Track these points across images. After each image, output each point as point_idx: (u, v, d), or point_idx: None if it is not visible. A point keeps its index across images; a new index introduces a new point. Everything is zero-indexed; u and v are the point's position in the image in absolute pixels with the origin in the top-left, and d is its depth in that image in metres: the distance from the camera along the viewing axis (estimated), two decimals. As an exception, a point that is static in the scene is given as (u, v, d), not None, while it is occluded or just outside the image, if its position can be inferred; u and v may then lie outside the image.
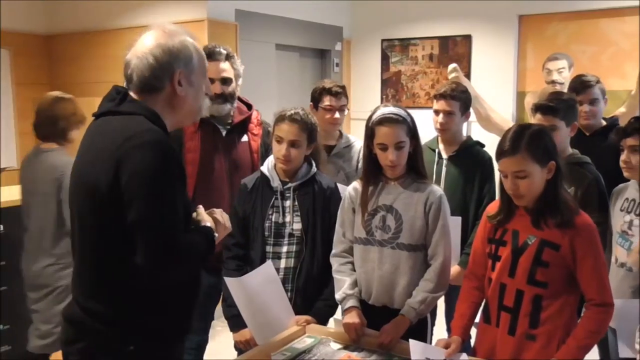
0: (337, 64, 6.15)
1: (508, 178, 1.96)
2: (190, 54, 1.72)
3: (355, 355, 2.07)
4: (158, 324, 1.69)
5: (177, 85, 1.69)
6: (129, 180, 1.55)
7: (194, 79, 1.74)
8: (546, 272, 1.94)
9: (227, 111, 2.80)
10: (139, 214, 1.54)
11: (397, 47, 6.16)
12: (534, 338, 1.96)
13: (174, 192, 1.60)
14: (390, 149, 2.16)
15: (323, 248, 2.38)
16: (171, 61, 1.67)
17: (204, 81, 1.79)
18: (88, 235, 1.66)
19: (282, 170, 2.42)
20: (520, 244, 1.99)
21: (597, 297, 1.91)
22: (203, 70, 1.78)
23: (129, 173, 1.55)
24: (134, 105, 1.67)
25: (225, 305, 2.46)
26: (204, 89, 1.80)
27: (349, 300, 2.22)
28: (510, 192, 1.98)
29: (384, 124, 2.17)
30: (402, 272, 2.19)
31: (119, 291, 1.63)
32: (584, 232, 1.93)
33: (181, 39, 1.71)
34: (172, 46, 1.68)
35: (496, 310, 2.03)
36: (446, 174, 2.92)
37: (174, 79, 1.69)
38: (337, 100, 3.09)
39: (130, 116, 1.65)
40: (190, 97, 1.74)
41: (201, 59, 1.77)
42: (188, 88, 1.72)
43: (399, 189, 2.23)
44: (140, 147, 1.56)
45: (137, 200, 1.54)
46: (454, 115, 2.91)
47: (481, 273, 2.12)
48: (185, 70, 1.70)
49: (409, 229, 2.19)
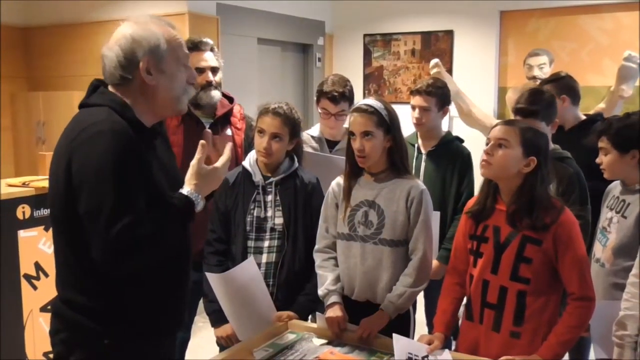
0: (320, 58, 6.14)
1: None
2: (155, 41, 1.65)
3: (338, 351, 2.07)
4: (133, 322, 1.66)
5: (145, 74, 1.65)
6: (77, 171, 1.54)
7: (165, 66, 1.67)
8: (529, 268, 1.95)
9: (217, 99, 2.82)
10: (85, 206, 1.52)
11: (379, 42, 6.17)
12: (518, 336, 1.97)
13: (126, 183, 1.54)
14: (357, 137, 2.18)
15: (305, 243, 2.38)
16: (135, 49, 1.63)
17: (180, 69, 1.71)
18: (56, 228, 1.68)
19: (263, 164, 2.41)
20: (502, 240, 2.00)
21: (578, 291, 1.93)
22: (177, 58, 1.70)
23: (78, 164, 1.54)
24: (101, 97, 1.66)
25: (206, 301, 2.45)
26: (186, 78, 1.73)
27: (332, 295, 2.21)
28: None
29: (354, 113, 2.21)
30: (385, 267, 2.20)
31: (89, 283, 1.63)
32: (565, 227, 1.94)
33: (148, 27, 1.66)
34: (137, 34, 1.64)
35: (479, 307, 2.04)
36: (425, 168, 2.93)
37: (140, 67, 1.64)
38: (334, 106, 2.82)
39: (96, 108, 1.63)
40: (162, 85, 1.68)
41: (175, 47, 1.69)
42: (159, 76, 1.66)
43: (381, 185, 2.23)
44: (91, 138, 1.55)
45: (84, 192, 1.53)
46: (430, 111, 2.92)
47: (463, 269, 2.13)
48: (152, 58, 1.64)
49: (391, 224, 2.19)
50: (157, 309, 1.71)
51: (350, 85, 2.89)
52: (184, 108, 1.76)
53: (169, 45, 1.67)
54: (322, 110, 2.87)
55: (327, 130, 2.92)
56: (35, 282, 3.14)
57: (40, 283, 3.14)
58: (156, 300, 1.70)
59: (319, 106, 2.89)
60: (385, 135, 2.19)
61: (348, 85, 2.86)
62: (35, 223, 3.14)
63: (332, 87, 2.81)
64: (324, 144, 2.91)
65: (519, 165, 1.98)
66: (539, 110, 2.53)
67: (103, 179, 1.52)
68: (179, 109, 1.76)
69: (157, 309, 1.71)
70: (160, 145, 1.79)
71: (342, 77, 2.90)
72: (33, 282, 3.13)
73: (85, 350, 1.65)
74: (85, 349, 1.65)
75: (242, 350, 2.05)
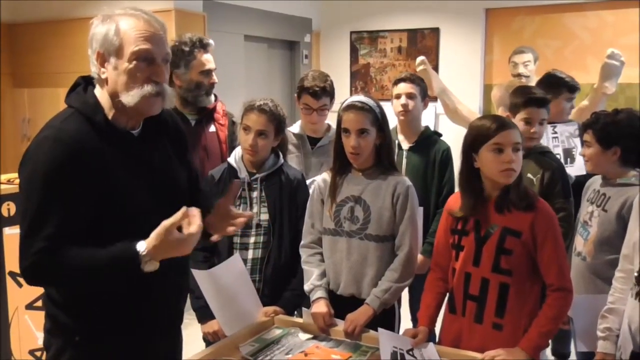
0: (306, 55, 6.14)
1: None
2: (103, 31, 1.56)
3: (324, 345, 2.08)
4: (97, 323, 1.64)
5: (100, 67, 1.60)
6: (18, 173, 1.55)
7: (112, 58, 1.57)
8: (510, 260, 1.98)
9: (213, 101, 2.85)
10: (17, 211, 1.53)
11: (365, 40, 6.18)
12: (500, 328, 2.00)
13: (54, 197, 1.47)
14: (353, 135, 2.18)
15: (290, 238, 2.39)
16: (92, 42, 1.60)
17: (132, 63, 1.56)
18: None
19: (249, 161, 2.42)
20: (482, 233, 2.02)
21: (556, 282, 1.96)
22: (132, 50, 1.55)
23: (20, 166, 1.54)
24: (73, 98, 1.63)
25: (192, 297, 2.45)
26: (148, 74, 1.57)
27: (317, 291, 2.23)
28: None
29: (349, 110, 2.21)
30: (370, 262, 2.21)
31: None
32: (543, 218, 1.97)
33: (107, 19, 1.59)
34: (95, 28, 1.60)
35: (462, 300, 2.06)
36: (407, 164, 2.96)
37: (98, 61, 1.60)
38: (316, 101, 2.82)
39: (66, 110, 1.62)
40: (111, 79, 1.58)
41: (129, 39, 1.55)
42: (109, 69, 1.58)
43: (367, 180, 2.25)
44: (36, 142, 1.53)
45: (19, 195, 1.53)
46: (416, 98, 2.95)
47: (445, 264, 2.15)
48: (104, 50, 1.58)
49: (377, 219, 2.20)
50: (121, 309, 1.65)
51: (331, 80, 2.90)
52: (139, 106, 1.58)
53: (121, 35, 1.56)
54: (304, 106, 2.87)
55: (309, 126, 2.93)
56: (20, 280, 3.12)
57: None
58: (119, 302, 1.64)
59: (301, 102, 2.89)
60: (377, 132, 2.21)
61: (328, 81, 2.87)
62: (21, 220, 3.14)
63: (313, 83, 2.82)
64: (306, 141, 2.91)
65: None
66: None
67: (32, 188, 1.50)
68: (146, 109, 1.60)
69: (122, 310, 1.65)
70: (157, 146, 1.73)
71: (322, 73, 2.91)
72: (18, 279, 3.11)
73: (61, 343, 1.67)
74: (60, 342, 1.67)
75: (228, 346, 2.06)
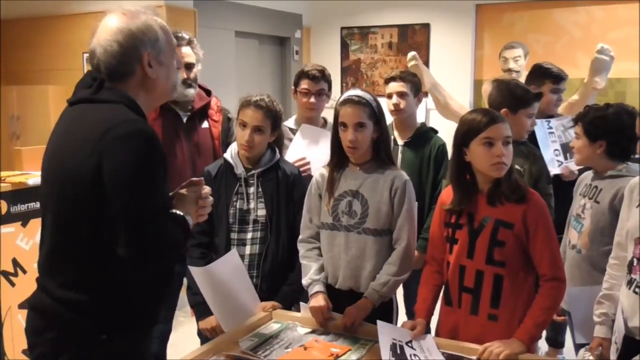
0: (297, 51, 6.14)
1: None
2: (155, 34, 1.67)
3: (322, 339, 2.09)
4: (131, 314, 1.66)
5: (147, 68, 1.66)
6: (111, 172, 1.52)
7: (163, 58, 1.69)
8: (503, 252, 2.00)
9: (191, 96, 2.81)
10: (121, 206, 1.51)
11: (356, 35, 6.19)
12: (495, 318, 2.02)
13: (156, 183, 1.57)
14: (350, 129, 2.19)
15: (287, 233, 2.40)
16: (137, 45, 1.63)
17: (174, 57, 1.75)
18: (70, 225, 1.61)
19: (245, 157, 2.42)
20: (476, 225, 2.04)
21: (549, 272, 1.98)
22: (171, 46, 1.73)
23: (112, 165, 1.52)
24: (112, 93, 1.63)
25: (190, 294, 2.45)
26: (175, 64, 1.76)
27: (315, 285, 2.23)
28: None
29: (346, 105, 2.21)
30: (368, 256, 2.22)
31: (101, 282, 1.60)
32: (534, 209, 2.00)
33: (143, 19, 1.66)
34: (136, 29, 1.64)
35: (457, 292, 2.08)
36: (402, 160, 2.97)
37: (143, 62, 1.65)
38: (315, 84, 2.92)
39: (109, 104, 1.61)
40: (162, 77, 1.71)
41: (168, 36, 1.72)
42: (159, 68, 1.68)
43: (365, 174, 2.25)
44: (122, 139, 1.53)
45: (120, 192, 1.52)
46: (407, 97, 2.97)
47: (440, 257, 2.17)
48: (153, 51, 1.66)
49: (374, 214, 2.21)
50: (145, 305, 1.70)
51: (329, 72, 3.02)
52: (178, 93, 1.81)
53: (165, 35, 1.70)
54: (302, 91, 2.93)
55: (306, 116, 2.96)
56: (13, 279, 3.10)
57: (18, 280, 3.09)
58: (146, 297, 1.70)
59: (300, 88, 2.94)
60: (374, 126, 2.22)
61: (327, 71, 2.99)
62: (13, 219, 3.10)
63: (313, 67, 2.96)
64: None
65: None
66: None
67: (140, 181, 1.53)
68: (172, 96, 1.84)
69: (146, 306, 1.71)
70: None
71: (319, 64, 3.03)
72: (11, 278, 3.09)
73: (80, 348, 1.61)
74: (80, 348, 1.61)
75: (227, 341, 2.06)
